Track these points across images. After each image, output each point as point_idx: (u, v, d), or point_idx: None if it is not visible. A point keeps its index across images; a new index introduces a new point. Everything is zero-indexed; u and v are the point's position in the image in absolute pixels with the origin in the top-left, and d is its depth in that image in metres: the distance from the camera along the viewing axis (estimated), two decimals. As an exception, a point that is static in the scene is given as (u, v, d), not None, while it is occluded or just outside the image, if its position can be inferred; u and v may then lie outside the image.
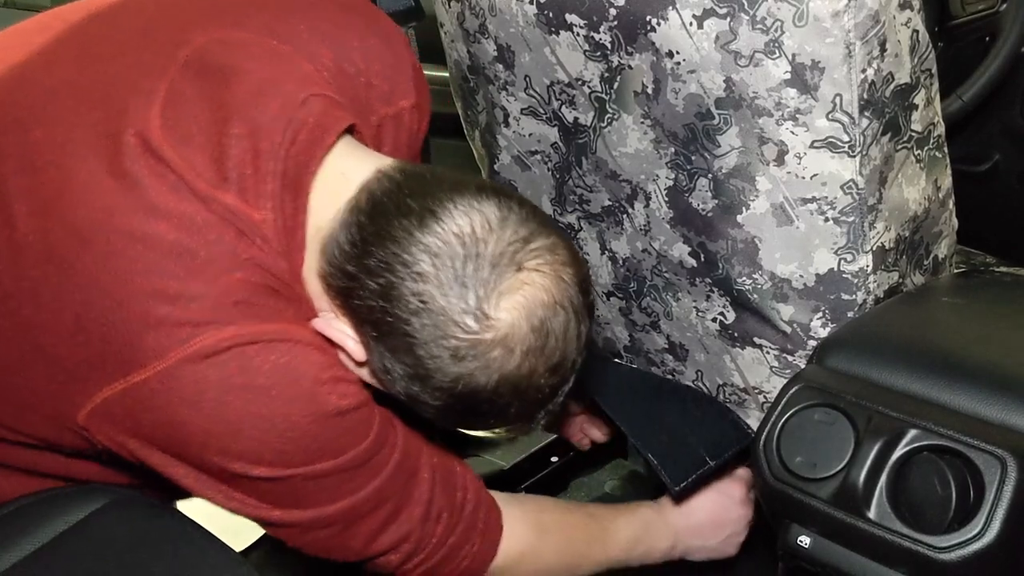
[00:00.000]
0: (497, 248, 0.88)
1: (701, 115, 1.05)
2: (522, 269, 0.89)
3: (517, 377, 0.90)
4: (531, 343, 0.89)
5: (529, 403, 0.94)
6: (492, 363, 0.89)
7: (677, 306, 1.24)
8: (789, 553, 0.99)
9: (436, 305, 0.87)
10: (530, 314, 0.89)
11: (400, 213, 0.89)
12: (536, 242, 0.90)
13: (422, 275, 0.87)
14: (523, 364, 0.90)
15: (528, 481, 1.69)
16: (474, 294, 0.87)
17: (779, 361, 1.17)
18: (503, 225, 0.89)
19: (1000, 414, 0.91)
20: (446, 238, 0.88)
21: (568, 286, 0.91)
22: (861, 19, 0.95)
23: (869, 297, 1.09)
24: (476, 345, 0.88)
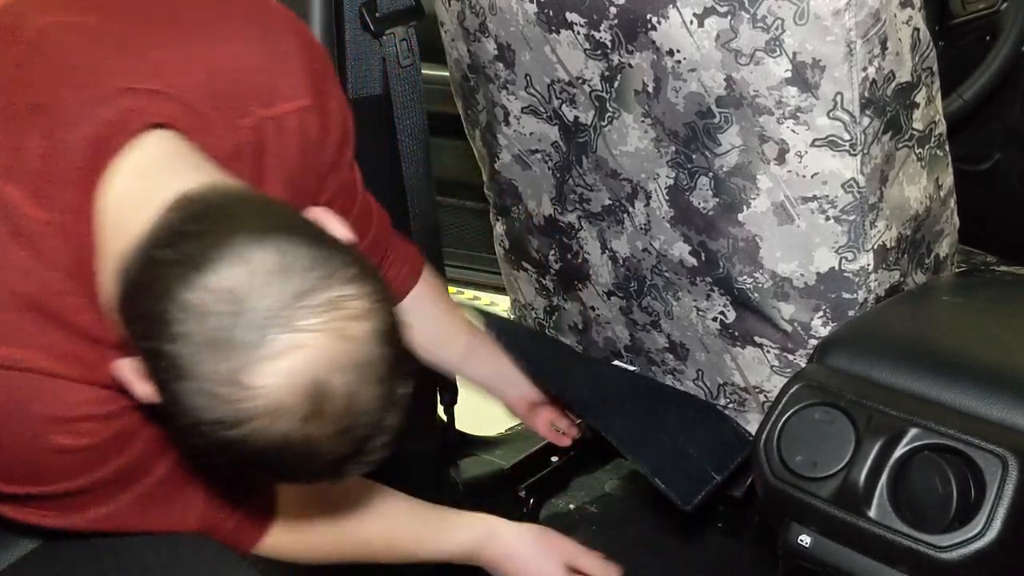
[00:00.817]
0: (265, 304, 0.76)
1: (702, 113, 1.05)
2: (294, 329, 0.77)
3: (293, 444, 0.79)
4: (304, 411, 0.78)
5: (323, 465, 0.84)
6: (259, 432, 0.78)
7: (677, 305, 1.24)
8: (790, 552, 0.99)
9: (196, 371, 0.77)
10: (300, 380, 0.77)
11: (165, 262, 0.78)
12: (318, 296, 0.77)
13: (180, 337, 0.76)
14: (296, 432, 0.79)
15: (528, 481, 1.69)
16: (236, 360, 0.76)
17: (780, 360, 1.17)
18: (280, 277, 0.77)
19: (1001, 413, 0.91)
20: (207, 295, 0.76)
21: (355, 344, 0.79)
22: (862, 17, 0.95)
23: (870, 296, 1.09)
24: (239, 414, 0.77)
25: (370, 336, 0.80)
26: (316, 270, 0.78)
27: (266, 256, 0.77)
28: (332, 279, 0.78)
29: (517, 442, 1.79)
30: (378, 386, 0.81)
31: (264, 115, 0.96)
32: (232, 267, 0.76)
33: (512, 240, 1.42)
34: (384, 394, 0.82)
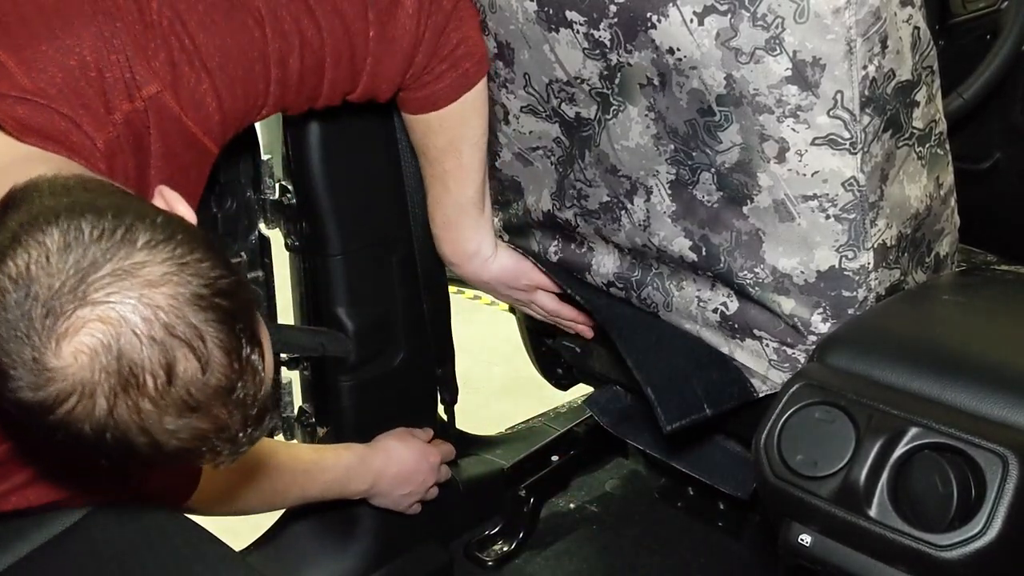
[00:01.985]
0: (53, 284, 0.75)
1: (702, 111, 1.05)
2: (86, 304, 0.75)
3: (119, 424, 0.78)
4: (111, 385, 0.76)
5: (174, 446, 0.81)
6: (75, 415, 0.77)
7: (679, 295, 1.24)
8: (790, 551, 0.99)
9: (8, 364, 0.76)
10: (100, 353, 0.75)
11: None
12: (108, 266, 0.76)
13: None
14: (116, 410, 0.77)
15: (528, 481, 1.69)
16: (29, 346, 0.75)
17: (778, 354, 1.17)
18: (64, 254, 0.75)
19: (1001, 412, 0.91)
20: (5, 285, 0.75)
21: (159, 309, 0.76)
22: (862, 16, 0.95)
23: (870, 294, 1.09)
24: (46, 400, 0.76)
25: (176, 300, 0.77)
26: (104, 241, 0.76)
27: (51, 238, 0.76)
28: (122, 246, 0.77)
29: (517, 442, 1.79)
30: (201, 350, 0.78)
31: (128, 109, 0.96)
32: (21, 254, 0.75)
33: (511, 234, 1.42)
34: (211, 356, 0.79)
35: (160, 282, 0.77)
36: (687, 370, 1.24)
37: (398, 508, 1.47)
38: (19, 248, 0.75)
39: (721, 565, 1.59)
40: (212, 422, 0.81)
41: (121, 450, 0.80)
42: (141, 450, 0.80)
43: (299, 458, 1.34)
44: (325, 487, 1.35)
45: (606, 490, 1.77)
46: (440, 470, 1.51)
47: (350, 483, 1.39)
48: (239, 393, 0.81)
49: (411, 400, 1.53)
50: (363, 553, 1.50)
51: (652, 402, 1.21)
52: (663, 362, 1.25)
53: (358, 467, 1.40)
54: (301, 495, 1.33)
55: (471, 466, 1.67)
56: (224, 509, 1.24)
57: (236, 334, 0.80)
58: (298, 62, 1.07)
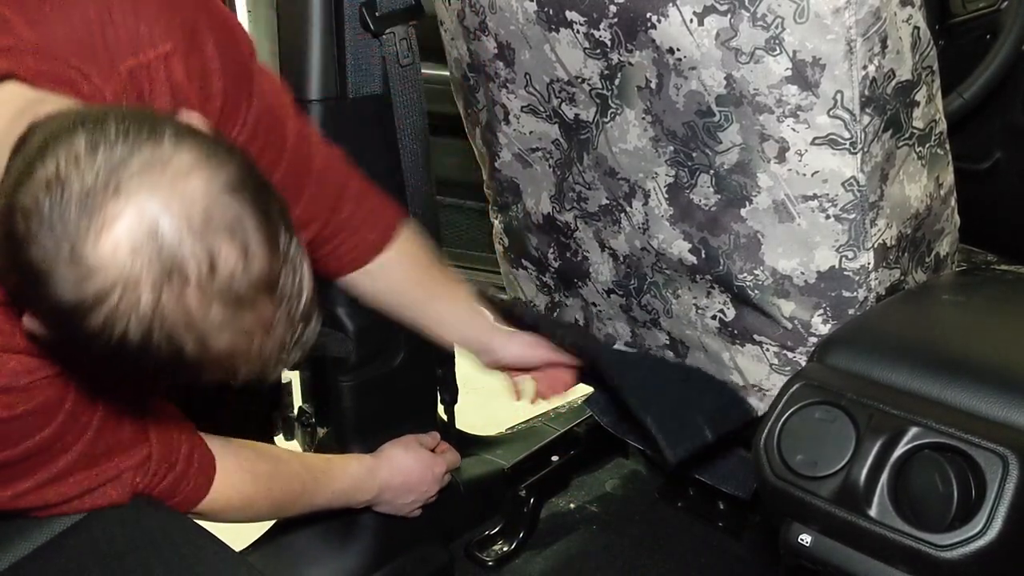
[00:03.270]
0: (85, 181, 0.75)
1: (702, 112, 1.05)
2: (120, 195, 0.75)
3: (166, 319, 0.77)
4: (156, 274, 0.76)
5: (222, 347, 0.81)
6: (120, 311, 0.76)
7: (677, 303, 1.24)
8: (790, 551, 0.99)
9: (41, 267, 0.76)
10: (140, 236, 0.75)
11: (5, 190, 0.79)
12: (136, 160, 0.76)
13: (22, 240, 0.76)
14: (162, 301, 0.76)
15: (528, 481, 1.69)
16: (67, 242, 0.75)
17: (779, 358, 1.17)
18: (92, 155, 0.76)
19: (1001, 411, 0.91)
20: (35, 191, 0.76)
21: (193, 198, 0.77)
22: (862, 16, 0.95)
23: (870, 295, 1.09)
24: (88, 297, 0.76)
25: (207, 188, 0.78)
26: (131, 138, 0.77)
27: (78, 140, 0.76)
28: (149, 141, 0.77)
29: (517, 442, 1.79)
30: (240, 238, 0.78)
31: (133, 64, 0.96)
32: (50, 160, 0.76)
33: (511, 237, 1.42)
34: (251, 244, 0.79)
35: (191, 172, 0.77)
36: (685, 400, 1.26)
37: (399, 513, 1.47)
38: (48, 155, 0.76)
39: (721, 565, 1.59)
40: (257, 317, 0.80)
41: (167, 355, 0.79)
42: (188, 353, 0.79)
43: (309, 467, 1.34)
44: (332, 497, 1.35)
45: (606, 490, 1.77)
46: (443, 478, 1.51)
47: (356, 494, 1.39)
48: (282, 285, 0.81)
49: (411, 400, 1.53)
50: (363, 553, 1.50)
51: (654, 435, 1.22)
52: (661, 396, 1.27)
53: (365, 478, 1.40)
54: (309, 503, 1.33)
55: (471, 466, 1.67)
56: (235, 515, 1.23)
57: (273, 224, 0.80)
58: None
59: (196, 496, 1.15)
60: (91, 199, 0.75)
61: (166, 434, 1.10)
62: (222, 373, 0.84)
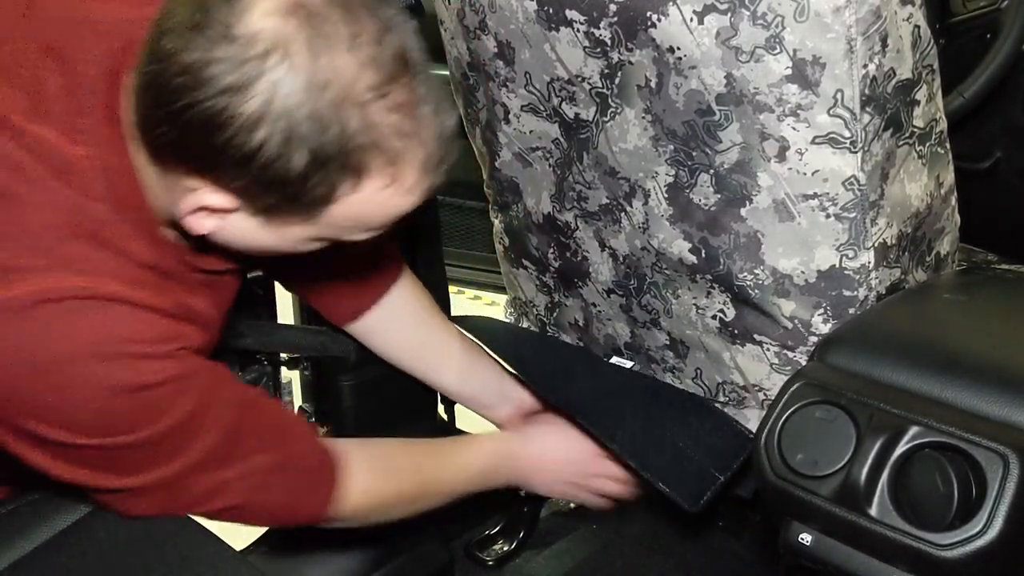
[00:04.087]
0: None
1: (702, 111, 1.05)
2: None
3: (324, 79, 0.80)
4: (306, 34, 0.80)
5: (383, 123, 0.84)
6: (280, 77, 0.79)
7: (677, 303, 1.24)
8: (790, 551, 0.99)
9: (196, 63, 0.80)
10: (287, 13, 0.80)
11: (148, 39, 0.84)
12: None
13: (172, 53, 0.80)
14: (317, 61, 0.80)
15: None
16: (218, 28, 0.79)
17: (779, 358, 1.17)
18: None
19: (1002, 411, 0.91)
20: (179, 15, 0.81)
21: None
22: (863, 14, 0.95)
23: (871, 294, 1.09)
24: (249, 66, 0.79)
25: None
26: None
27: None
28: None
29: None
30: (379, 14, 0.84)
31: None
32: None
33: (511, 237, 1.42)
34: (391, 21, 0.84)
35: None
36: (685, 447, 1.26)
37: (574, 499, 1.37)
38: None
39: (721, 565, 1.59)
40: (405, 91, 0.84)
41: (335, 132, 0.82)
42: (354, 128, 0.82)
43: (436, 452, 1.27)
44: (468, 480, 1.27)
45: (606, 490, 1.77)
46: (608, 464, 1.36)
47: (495, 473, 1.30)
48: (415, 61, 0.86)
49: (411, 400, 1.53)
50: (363, 553, 1.50)
51: (667, 494, 1.22)
52: (660, 448, 1.26)
53: (504, 458, 1.31)
54: (446, 490, 1.25)
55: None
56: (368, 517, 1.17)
57: (394, 13, 0.86)
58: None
59: (325, 501, 1.10)
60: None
61: (293, 434, 1.08)
62: (389, 171, 0.86)
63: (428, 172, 0.89)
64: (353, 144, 0.83)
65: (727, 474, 1.25)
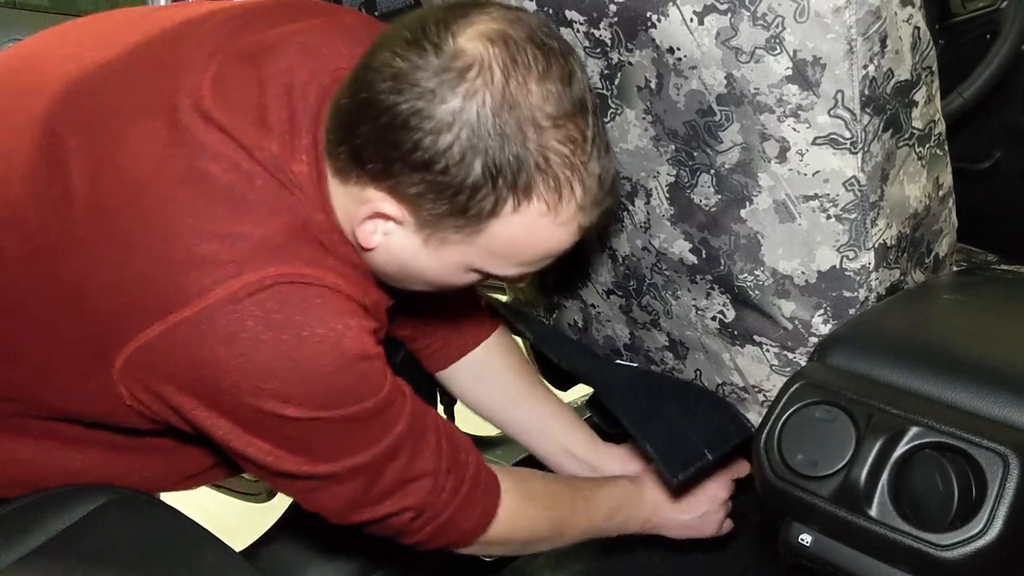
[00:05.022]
0: (440, 14, 0.91)
1: (702, 112, 1.05)
2: (472, 19, 0.91)
3: (513, 99, 0.90)
4: (506, 59, 0.90)
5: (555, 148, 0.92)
6: (476, 88, 0.89)
7: (676, 304, 1.24)
8: (790, 551, 0.99)
9: (405, 68, 0.89)
10: (492, 35, 0.90)
11: (360, 62, 0.95)
12: (478, 4, 0.94)
13: (386, 63, 0.90)
14: (510, 82, 0.90)
15: (528, 480, 1.69)
16: (430, 45, 0.89)
17: (779, 359, 1.17)
18: (448, 5, 0.93)
19: (1002, 411, 0.91)
20: (396, 30, 0.92)
21: (529, 26, 0.93)
22: (862, 15, 0.95)
23: (871, 294, 1.09)
24: (447, 75, 0.89)
25: (540, 25, 0.94)
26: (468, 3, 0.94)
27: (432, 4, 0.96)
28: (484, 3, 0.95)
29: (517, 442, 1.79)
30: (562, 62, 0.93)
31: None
32: (409, 16, 0.94)
33: (512, 239, 1.42)
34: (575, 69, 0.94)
35: (520, 14, 0.95)
36: (683, 423, 1.27)
37: (701, 534, 1.39)
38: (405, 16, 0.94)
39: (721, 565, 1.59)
40: (578, 130, 0.93)
41: (513, 148, 0.90)
42: (530, 147, 0.91)
43: (576, 485, 1.29)
44: (605, 516, 1.28)
45: (606, 490, 1.77)
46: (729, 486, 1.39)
47: (628, 512, 1.31)
48: (591, 109, 0.95)
49: None
50: (363, 553, 1.50)
51: (654, 458, 1.24)
52: (659, 419, 1.28)
53: (635, 494, 1.32)
54: (586, 527, 1.26)
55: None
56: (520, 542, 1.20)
57: (579, 63, 0.96)
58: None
59: (489, 516, 1.13)
60: (448, 24, 0.91)
61: (463, 443, 1.11)
62: (550, 198, 0.94)
63: (584, 209, 0.97)
64: (526, 164, 0.91)
65: (716, 454, 1.26)
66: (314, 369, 0.93)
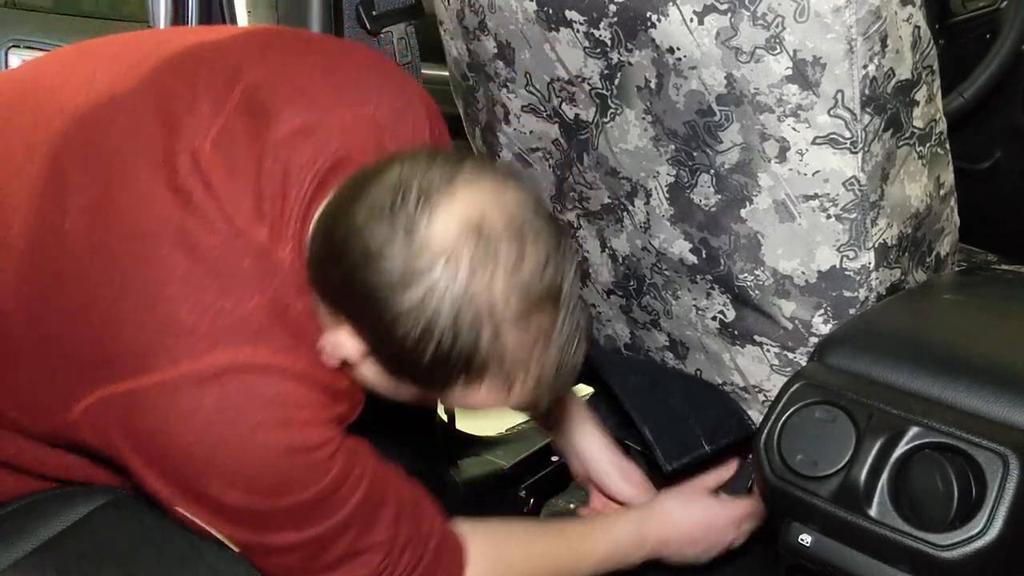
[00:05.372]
0: (425, 180, 0.89)
1: (702, 112, 1.05)
2: (453, 195, 0.89)
3: (474, 301, 0.88)
4: (474, 255, 0.87)
5: (511, 347, 0.90)
6: (439, 284, 0.87)
7: (677, 304, 1.24)
8: (790, 551, 0.99)
9: (374, 246, 0.88)
10: (467, 222, 0.88)
11: (349, 190, 0.93)
12: (467, 172, 0.90)
13: (359, 228, 0.89)
14: (474, 281, 0.87)
15: (528, 481, 1.69)
16: (403, 225, 0.88)
17: (779, 359, 1.17)
18: (430, 163, 0.91)
19: (1002, 411, 0.91)
20: (379, 192, 0.90)
21: (510, 205, 0.90)
22: (863, 15, 0.95)
23: (871, 294, 1.09)
24: (413, 268, 0.87)
25: (521, 200, 0.91)
26: (462, 159, 0.92)
27: (421, 155, 0.92)
28: (476, 162, 0.92)
29: (517, 442, 1.79)
30: (541, 247, 0.90)
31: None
32: (396, 167, 0.91)
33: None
34: (551, 254, 0.91)
35: (506, 188, 0.92)
36: (684, 412, 1.27)
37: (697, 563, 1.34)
38: (390, 166, 0.91)
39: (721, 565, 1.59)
40: (544, 323, 0.91)
41: (464, 344, 0.89)
42: (482, 345, 0.89)
43: (566, 536, 1.26)
44: (597, 565, 1.25)
45: (606, 490, 1.77)
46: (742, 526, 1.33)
47: (625, 557, 1.26)
48: (565, 299, 0.92)
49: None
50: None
51: (651, 443, 1.24)
52: (660, 404, 1.28)
53: (633, 538, 1.27)
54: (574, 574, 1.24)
55: (471, 466, 1.67)
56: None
57: (563, 245, 0.93)
58: None
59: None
60: (428, 195, 0.88)
61: (427, 511, 1.10)
62: (501, 385, 0.93)
63: (538, 392, 0.96)
64: (479, 356, 0.90)
65: (713, 447, 1.26)
66: (261, 459, 0.94)
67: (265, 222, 0.96)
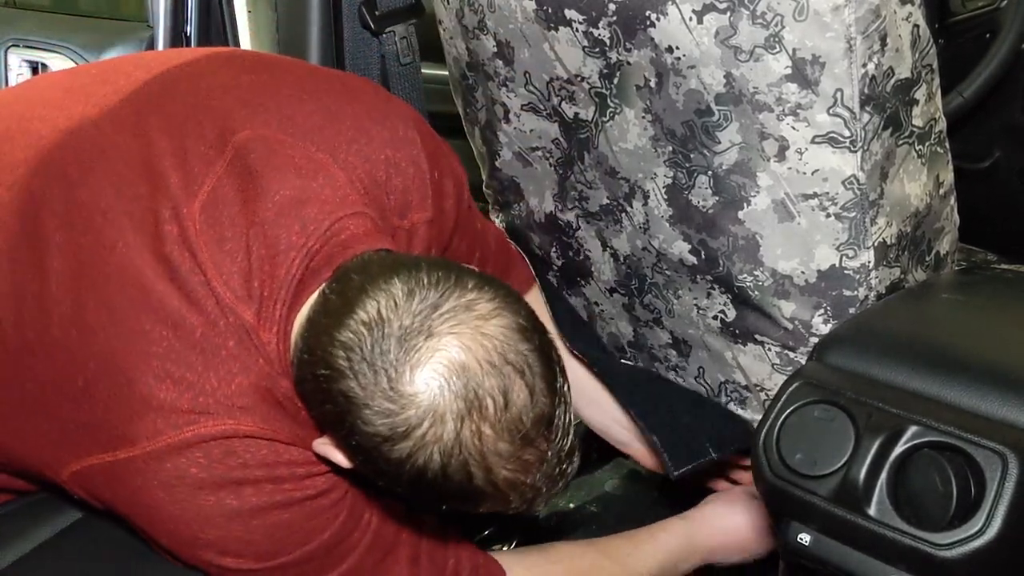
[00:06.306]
0: (403, 323, 0.86)
1: (700, 112, 1.04)
2: (432, 336, 0.86)
3: (463, 449, 0.87)
4: (460, 407, 0.86)
5: (504, 478, 0.90)
6: (427, 440, 0.86)
7: (678, 303, 1.24)
8: (789, 550, 0.99)
9: (357, 397, 0.86)
10: (450, 370, 0.86)
11: (327, 316, 0.90)
12: (447, 304, 0.87)
13: (341, 372, 0.87)
14: (462, 433, 0.86)
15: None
16: (385, 376, 0.86)
17: (780, 358, 1.17)
18: (409, 298, 0.87)
19: (1001, 410, 0.91)
20: (356, 329, 0.87)
21: (493, 339, 0.87)
22: (862, 13, 0.95)
23: (871, 293, 1.09)
24: (400, 426, 0.86)
25: (506, 331, 0.88)
26: (440, 285, 0.88)
27: (396, 286, 0.88)
28: (456, 288, 0.88)
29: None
30: (528, 378, 0.88)
31: (399, 225, 1.07)
32: (371, 302, 0.87)
33: (513, 236, 1.42)
34: (537, 384, 0.88)
35: (491, 316, 0.88)
36: (691, 422, 1.27)
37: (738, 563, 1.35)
38: (367, 298, 0.88)
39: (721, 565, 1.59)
40: (535, 452, 0.90)
41: (456, 485, 0.88)
42: (475, 484, 0.88)
43: (612, 554, 1.26)
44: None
45: (606, 490, 1.77)
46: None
47: (677, 567, 1.28)
48: (557, 422, 0.91)
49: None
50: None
51: (658, 449, 1.23)
52: (667, 414, 1.28)
53: (683, 548, 1.28)
54: None
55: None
56: None
57: (553, 367, 0.91)
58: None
59: None
60: (408, 340, 0.86)
61: (441, 557, 1.10)
62: (497, 503, 0.92)
63: (535, 503, 0.95)
64: (472, 490, 0.90)
65: (720, 454, 1.26)
66: (252, 521, 0.94)
67: (253, 302, 0.94)
